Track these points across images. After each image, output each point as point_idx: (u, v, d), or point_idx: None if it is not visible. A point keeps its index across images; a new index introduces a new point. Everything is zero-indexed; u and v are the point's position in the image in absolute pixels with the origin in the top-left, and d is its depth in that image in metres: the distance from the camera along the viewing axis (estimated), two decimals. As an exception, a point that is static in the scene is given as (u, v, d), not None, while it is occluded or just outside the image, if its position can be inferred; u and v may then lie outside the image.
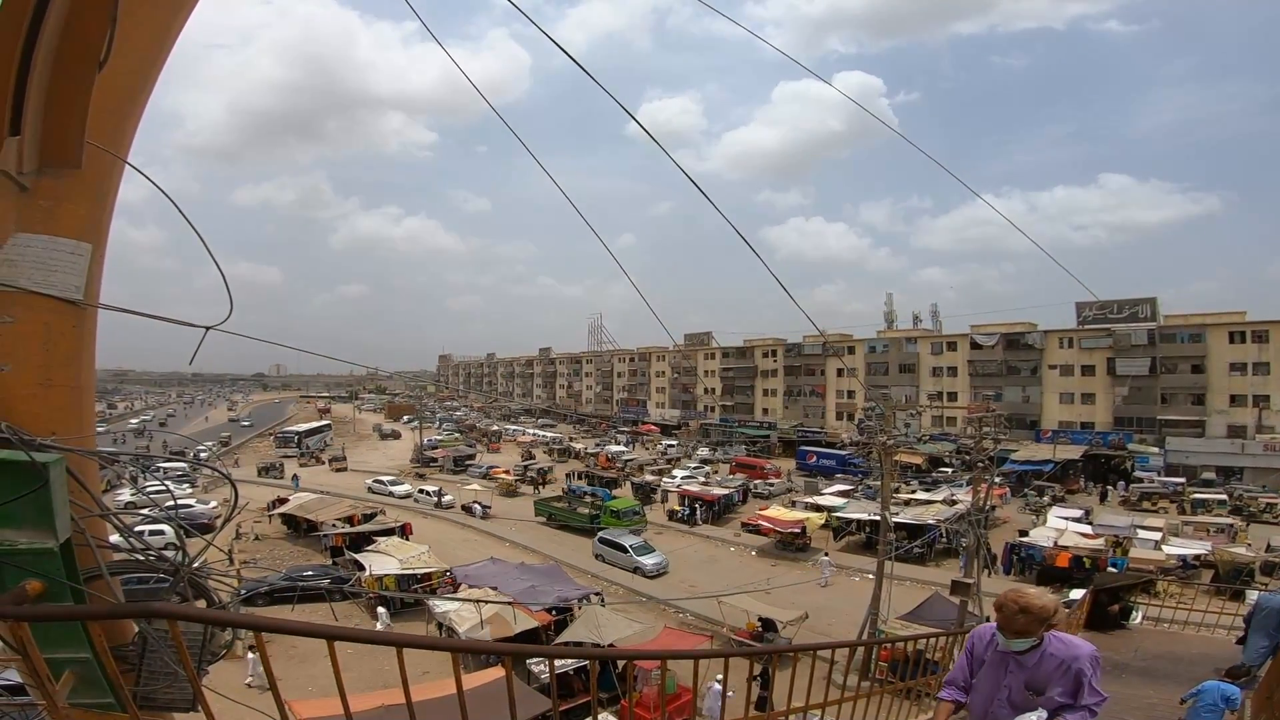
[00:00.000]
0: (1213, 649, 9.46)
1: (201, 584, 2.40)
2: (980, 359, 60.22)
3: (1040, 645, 3.29)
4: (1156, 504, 39.83)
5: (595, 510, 35.84)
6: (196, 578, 2.36)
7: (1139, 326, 52.34)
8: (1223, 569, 24.27)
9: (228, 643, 2.56)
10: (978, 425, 19.47)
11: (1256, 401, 47.83)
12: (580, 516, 36.12)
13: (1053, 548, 25.46)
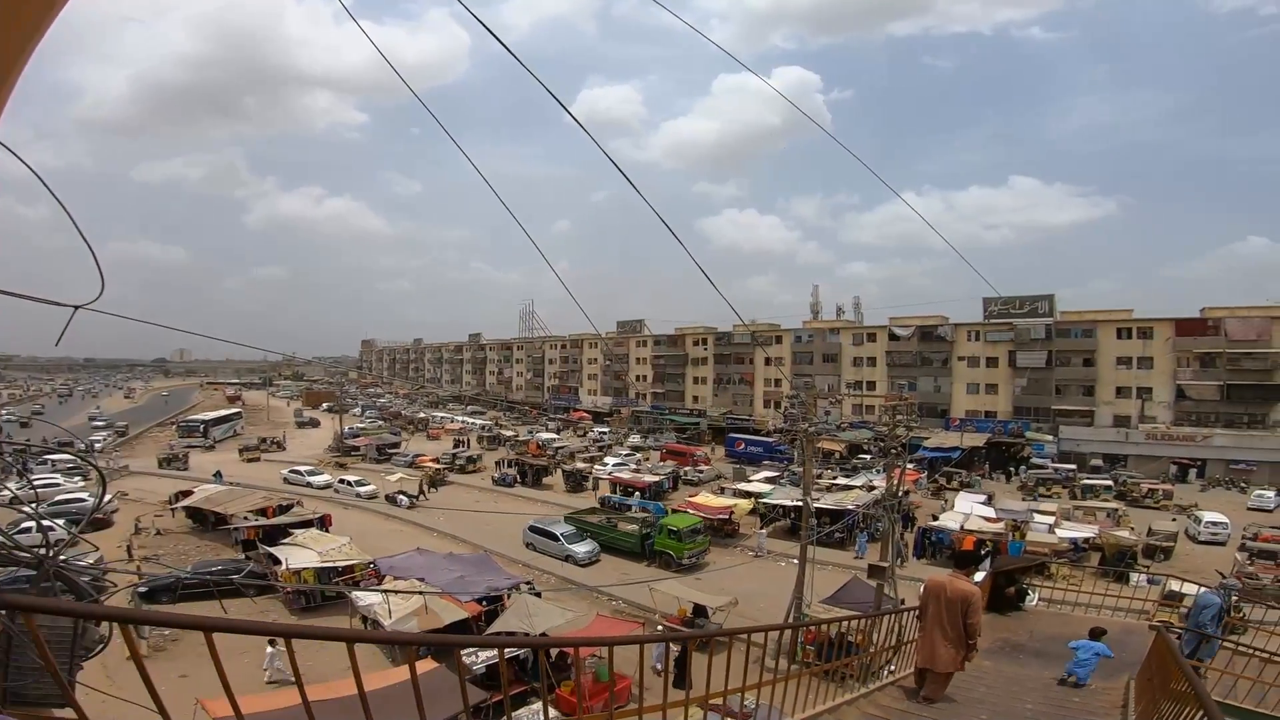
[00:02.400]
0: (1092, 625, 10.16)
1: (70, 577, 2.25)
2: (897, 350, 63.17)
3: None
4: (1051, 490, 42.61)
5: (647, 529, 29.86)
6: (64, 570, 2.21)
7: (1037, 322, 56.21)
8: (1108, 552, 26.05)
9: (103, 638, 2.39)
10: (891, 414, 20.30)
11: (1140, 394, 52.41)
12: (627, 538, 29.95)
13: (960, 532, 27.10)
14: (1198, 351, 50.14)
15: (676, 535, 28.34)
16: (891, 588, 15.96)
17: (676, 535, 28.34)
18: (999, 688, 7.76)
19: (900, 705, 6.97)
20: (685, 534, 28.49)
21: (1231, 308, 50.54)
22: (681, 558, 27.63)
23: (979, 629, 6.81)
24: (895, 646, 8.29)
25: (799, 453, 27.89)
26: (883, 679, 7.75)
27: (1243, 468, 46.81)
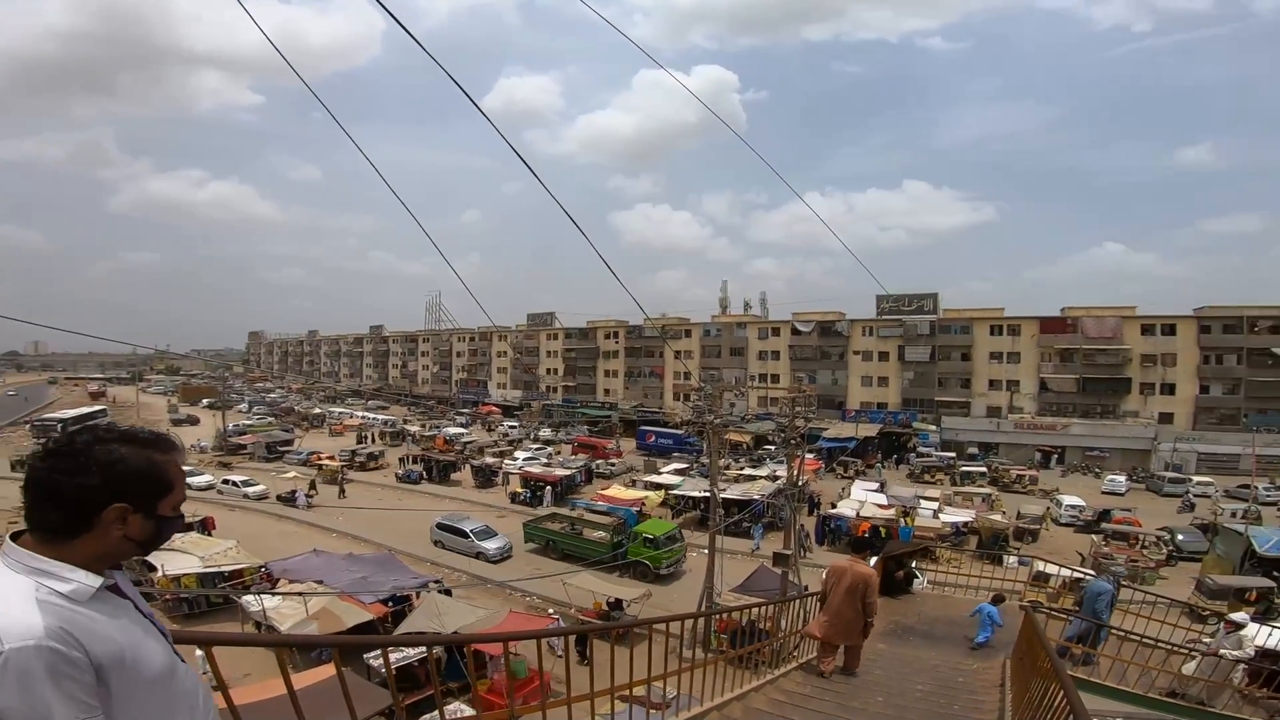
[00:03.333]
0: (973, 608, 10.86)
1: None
2: (799, 344, 66.09)
3: None
4: (935, 476, 45.84)
5: (618, 537, 27.45)
6: None
7: (923, 319, 60.49)
8: (984, 535, 28.31)
9: None
10: (791, 405, 21.01)
11: (1009, 386, 57.57)
12: (596, 547, 27.24)
13: (856, 518, 28.83)
14: (1058, 347, 55.65)
15: (653, 542, 25.92)
16: (796, 574, 16.80)
17: (653, 542, 25.92)
18: (892, 670, 8.23)
19: (804, 689, 7.31)
20: (662, 541, 26.17)
21: (1088, 308, 56.49)
22: (659, 566, 25.49)
23: (875, 609, 7.54)
24: (802, 631, 8.69)
25: (706, 444, 28.55)
26: (791, 664, 8.12)
27: (1097, 454, 52.47)
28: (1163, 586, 22.14)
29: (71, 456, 1.45)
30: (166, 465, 1.56)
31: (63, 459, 1.45)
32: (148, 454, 1.54)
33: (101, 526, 1.46)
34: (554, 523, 30.38)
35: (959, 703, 7.02)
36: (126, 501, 1.47)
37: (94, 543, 1.46)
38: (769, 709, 6.57)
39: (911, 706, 6.89)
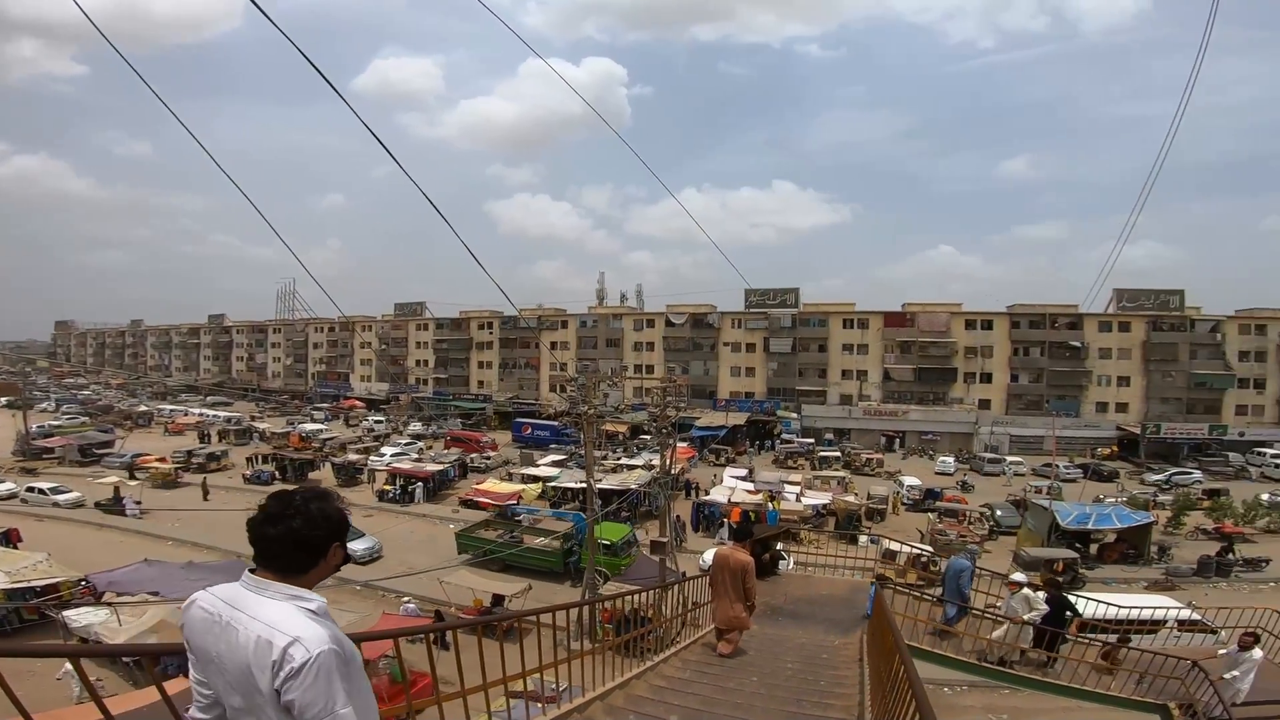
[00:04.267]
0: (838, 590, 11.71)
1: None
2: (673, 336, 68.01)
3: None
4: (797, 462, 49.01)
5: (569, 544, 25.04)
6: None
7: (785, 312, 64.46)
8: (840, 516, 30.65)
9: None
10: (662, 395, 21.46)
11: (859, 375, 62.85)
12: (545, 557, 24.70)
13: (727, 504, 30.26)
14: (899, 340, 61.51)
15: (610, 549, 23.69)
16: (673, 561, 17.38)
17: (610, 549, 23.69)
18: (765, 649, 8.72)
19: (683, 674, 7.60)
20: (620, 547, 24.22)
21: (924, 304, 62.83)
22: (618, 572, 23.06)
23: (754, 592, 8.22)
24: (683, 616, 9.01)
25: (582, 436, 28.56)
26: (671, 649, 8.39)
27: (930, 438, 58.69)
28: (987, 560, 25.22)
29: (310, 514, 2.00)
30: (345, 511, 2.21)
31: (306, 517, 1.99)
32: (338, 505, 2.15)
33: (326, 560, 2.05)
34: (488, 531, 27.95)
35: (824, 678, 7.59)
36: (339, 541, 2.09)
37: (320, 572, 2.05)
38: (650, 695, 6.75)
39: (782, 684, 7.34)
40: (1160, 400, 56.82)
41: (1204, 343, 56.53)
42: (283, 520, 1.96)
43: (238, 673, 1.84)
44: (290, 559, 1.96)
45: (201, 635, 1.93)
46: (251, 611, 1.87)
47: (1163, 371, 56.68)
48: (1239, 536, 29.07)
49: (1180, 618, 14.10)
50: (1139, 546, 27.24)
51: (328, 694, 1.77)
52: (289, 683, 1.75)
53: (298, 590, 1.94)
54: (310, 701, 1.75)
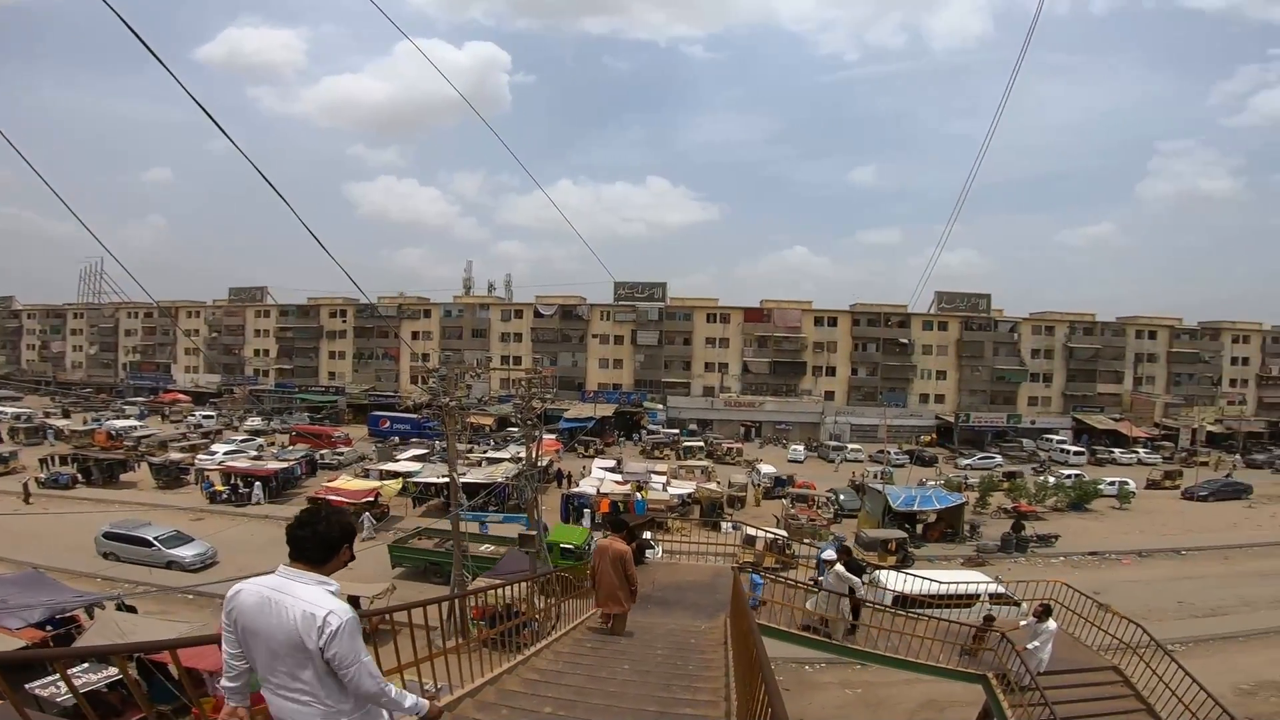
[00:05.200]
0: (703, 576, 12.19)
1: None
2: (541, 327, 67.32)
3: None
4: (663, 452, 50.38)
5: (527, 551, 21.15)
6: None
7: (653, 305, 66.09)
8: (704, 504, 31.68)
9: None
10: (527, 387, 21.13)
11: (720, 368, 65.91)
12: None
13: (596, 495, 30.51)
14: (757, 335, 65.26)
15: (573, 554, 22.11)
16: (543, 556, 17.28)
17: (573, 554, 22.11)
18: (635, 637, 8.91)
19: (555, 666, 7.60)
20: (585, 550, 22.62)
21: (779, 301, 67.05)
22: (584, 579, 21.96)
23: (635, 579, 8.70)
24: (556, 609, 9.02)
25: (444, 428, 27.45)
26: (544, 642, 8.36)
27: (784, 428, 62.86)
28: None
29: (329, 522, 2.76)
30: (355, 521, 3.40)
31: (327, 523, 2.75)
32: (350, 517, 2.99)
33: (339, 556, 2.78)
34: (424, 540, 25.51)
35: (692, 663, 7.89)
36: (349, 543, 2.82)
37: (335, 564, 2.77)
38: (522, 689, 6.69)
39: (654, 670, 7.55)
40: (970, 392, 64.95)
41: (1004, 341, 65.33)
42: (310, 525, 2.73)
43: (286, 638, 2.55)
44: (316, 553, 2.72)
45: (253, 614, 2.61)
46: (294, 594, 2.59)
47: (972, 366, 64.83)
48: (1032, 515, 33.38)
49: (990, 591, 15.87)
50: (955, 525, 30.39)
51: (354, 647, 2.58)
52: (330, 642, 2.52)
53: (322, 577, 2.70)
54: (345, 652, 2.55)
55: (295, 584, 2.63)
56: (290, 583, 2.63)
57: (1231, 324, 67.68)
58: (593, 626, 8.85)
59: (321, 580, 2.67)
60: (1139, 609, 19.79)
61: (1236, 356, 67.17)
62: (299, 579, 2.65)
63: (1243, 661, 18.82)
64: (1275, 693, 17.08)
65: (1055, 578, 14.66)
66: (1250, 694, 16.77)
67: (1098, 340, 65.53)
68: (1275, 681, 17.55)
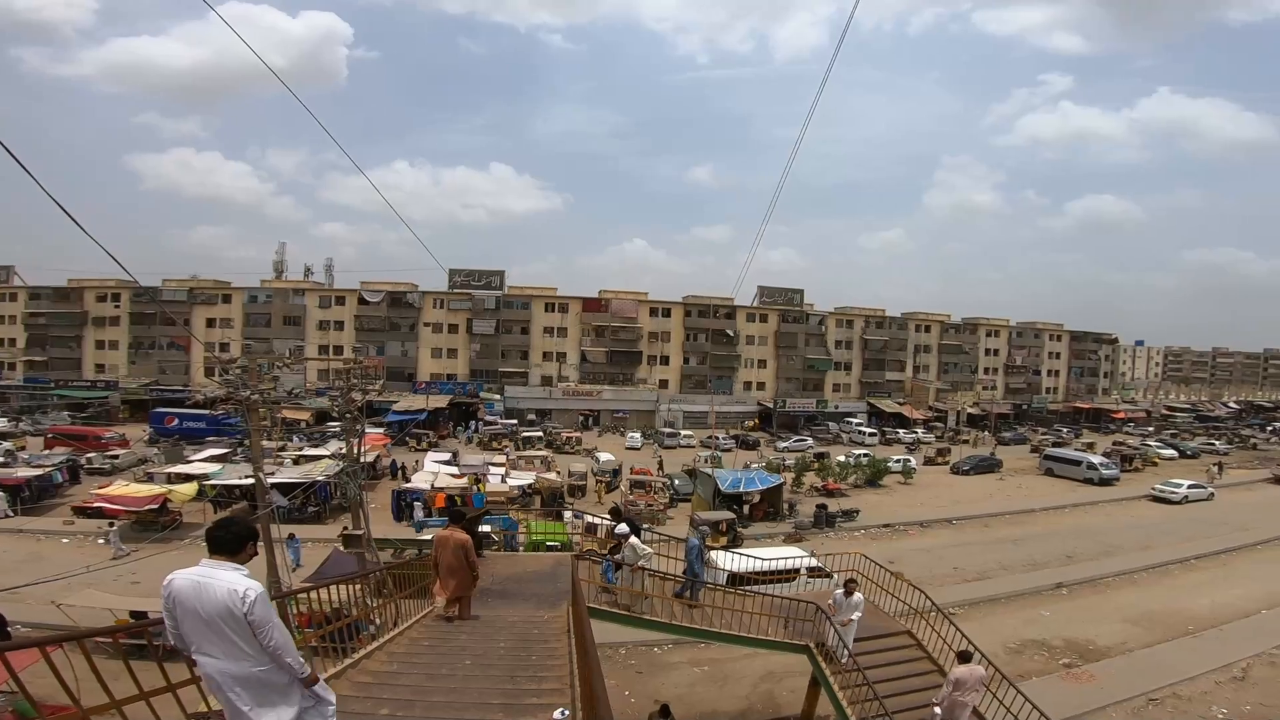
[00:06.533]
0: (543, 565, 11.95)
1: None
2: (367, 314, 62.72)
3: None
4: (501, 443, 49.24)
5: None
6: None
7: (490, 294, 64.41)
8: (545, 494, 31.55)
9: None
10: (346, 377, 19.67)
11: (559, 357, 65.92)
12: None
13: (431, 490, 29.06)
14: (595, 325, 66.22)
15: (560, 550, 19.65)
16: (372, 554, 16.12)
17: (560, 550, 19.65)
18: (476, 632, 8.66)
19: (389, 668, 7.19)
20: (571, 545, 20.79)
21: (616, 291, 68.45)
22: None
23: (476, 565, 8.82)
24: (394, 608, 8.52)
25: (246, 424, 24.63)
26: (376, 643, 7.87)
27: (621, 416, 64.38)
28: (670, 526, 28.11)
29: (242, 523, 3.67)
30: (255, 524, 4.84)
31: (237, 524, 3.62)
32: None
33: (247, 549, 3.59)
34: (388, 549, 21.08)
35: (536, 653, 7.83)
36: (254, 540, 3.66)
37: (245, 555, 3.56)
38: (354, 692, 6.30)
39: (496, 663, 7.41)
40: (786, 380, 71.19)
41: (814, 333, 72.37)
42: (225, 528, 3.54)
43: (216, 612, 3.27)
44: (231, 547, 3.49)
45: (187, 595, 3.30)
46: (219, 578, 3.33)
47: (787, 356, 71.08)
48: (838, 492, 37.11)
49: (808, 565, 17.30)
50: (776, 505, 32.73)
51: (268, 613, 3.38)
52: (251, 609, 3.28)
53: (237, 565, 3.46)
54: (262, 617, 3.32)
55: (219, 571, 3.40)
56: (215, 570, 3.40)
57: (986, 320, 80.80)
58: (434, 620, 8.54)
59: (237, 567, 3.46)
60: (924, 575, 22.53)
61: (989, 348, 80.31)
62: (221, 568, 3.42)
63: (1007, 621, 20.83)
64: (1038, 650, 18.86)
65: (857, 550, 15.99)
66: (1018, 652, 18.56)
67: (887, 333, 74.90)
68: (1035, 639, 19.47)
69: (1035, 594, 23.41)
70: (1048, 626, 20.46)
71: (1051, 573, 25.45)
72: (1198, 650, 18.56)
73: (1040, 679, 16.50)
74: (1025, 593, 23.49)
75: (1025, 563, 26.90)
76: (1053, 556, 27.58)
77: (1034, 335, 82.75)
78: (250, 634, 3.31)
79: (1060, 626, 20.40)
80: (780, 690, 16.41)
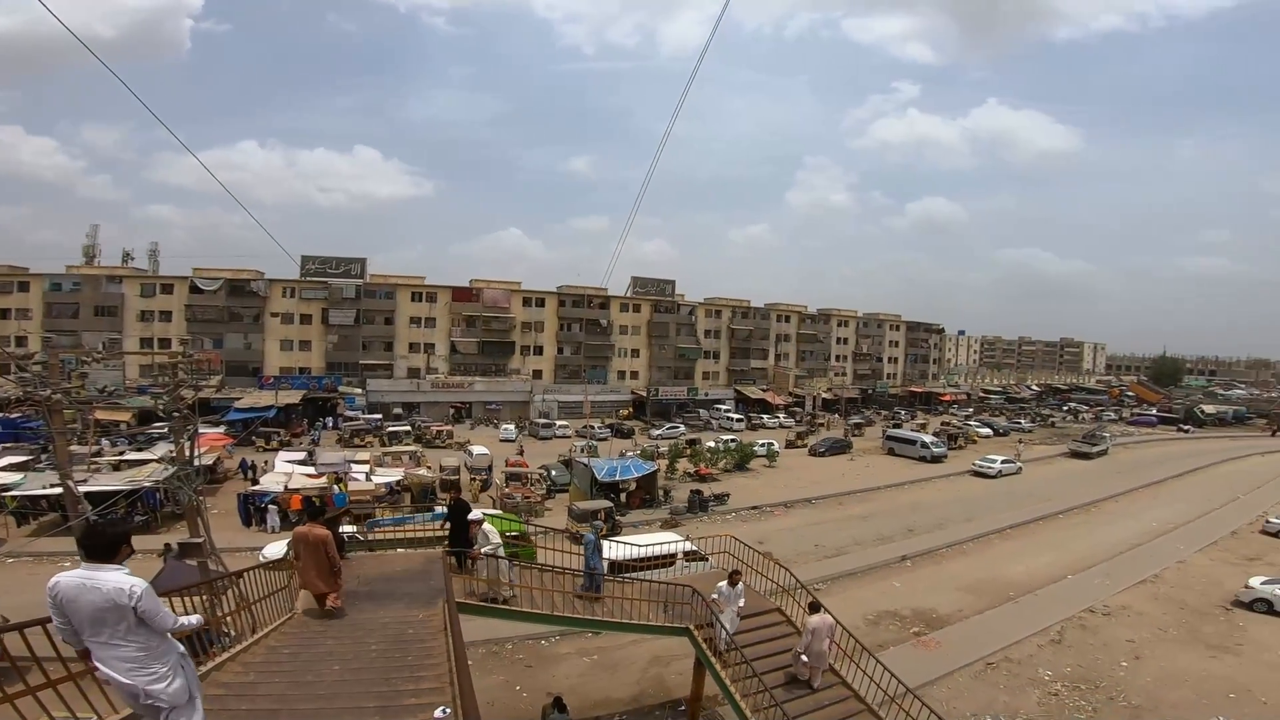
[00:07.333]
0: (414, 563, 11.42)
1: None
2: (202, 304, 56.33)
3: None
4: (364, 440, 46.33)
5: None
6: None
7: (349, 282, 60.18)
8: (415, 490, 30.15)
9: None
10: (172, 372, 17.58)
11: (427, 349, 63.03)
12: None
13: (285, 492, 26.64)
14: (465, 314, 64.03)
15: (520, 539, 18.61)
16: (218, 562, 14.50)
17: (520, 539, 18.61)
18: (344, 636, 8.12)
19: (246, 678, 6.65)
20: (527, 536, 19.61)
21: (489, 281, 66.53)
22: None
23: (338, 560, 8.81)
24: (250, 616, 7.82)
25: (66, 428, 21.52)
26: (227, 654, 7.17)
27: (494, 408, 62.79)
28: (549, 518, 27.94)
29: (115, 526, 4.28)
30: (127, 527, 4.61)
31: (112, 526, 4.63)
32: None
33: (122, 551, 3.97)
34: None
35: (413, 653, 7.48)
36: (126, 543, 4.03)
37: (122, 555, 3.96)
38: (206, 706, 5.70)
39: (368, 667, 7.01)
40: (659, 368, 72.98)
41: (685, 323, 74.71)
42: (96, 537, 3.98)
43: (106, 605, 3.75)
44: (106, 553, 3.90)
45: (74, 594, 3.77)
46: (102, 579, 3.79)
47: (660, 345, 72.86)
48: (710, 477, 38.46)
49: (684, 550, 17.62)
50: (651, 492, 33.36)
51: (154, 602, 3.90)
52: (139, 601, 3.78)
53: (116, 565, 3.91)
54: (150, 606, 3.84)
55: (100, 573, 3.80)
56: (96, 573, 3.80)
57: (838, 311, 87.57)
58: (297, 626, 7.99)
59: (118, 568, 3.88)
60: (790, 554, 23.89)
61: (840, 337, 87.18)
62: (101, 569, 3.82)
63: (864, 594, 22.15)
64: (893, 620, 20.20)
65: (728, 532, 16.49)
66: (875, 623, 19.83)
67: (752, 323, 78.93)
68: (889, 610, 20.85)
69: (885, 567, 25.32)
70: (898, 597, 22.12)
71: (897, 546, 27.66)
72: (1019, 616, 20.77)
73: (896, 648, 17.88)
74: (876, 566, 25.25)
75: (875, 538, 28.87)
76: (897, 531, 30.02)
77: (878, 325, 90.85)
78: (134, 622, 3.81)
79: (908, 597, 22.15)
80: (669, 674, 16.82)
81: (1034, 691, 16.35)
